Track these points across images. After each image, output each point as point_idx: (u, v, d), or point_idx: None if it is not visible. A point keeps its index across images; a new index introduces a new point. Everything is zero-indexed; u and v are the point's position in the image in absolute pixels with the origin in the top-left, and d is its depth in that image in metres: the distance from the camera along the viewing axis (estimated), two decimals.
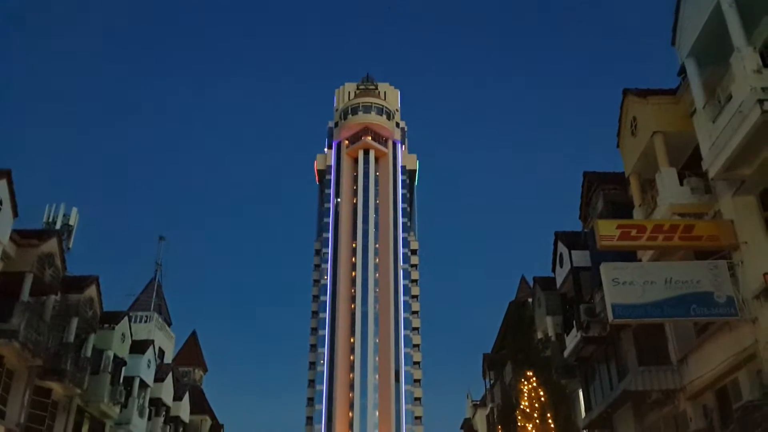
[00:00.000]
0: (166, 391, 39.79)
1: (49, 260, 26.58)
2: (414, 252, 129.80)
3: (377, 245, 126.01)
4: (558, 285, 25.94)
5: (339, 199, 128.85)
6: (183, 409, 43.44)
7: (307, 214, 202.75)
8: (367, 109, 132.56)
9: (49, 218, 34.93)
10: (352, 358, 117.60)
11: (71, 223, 35.07)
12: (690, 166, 17.41)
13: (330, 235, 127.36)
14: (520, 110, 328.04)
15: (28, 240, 25.92)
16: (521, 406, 11.83)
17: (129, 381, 34.02)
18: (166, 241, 58.59)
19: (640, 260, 18.17)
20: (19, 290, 24.82)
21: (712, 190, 16.36)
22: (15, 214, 24.46)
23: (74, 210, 35.68)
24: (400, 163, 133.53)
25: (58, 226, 33.60)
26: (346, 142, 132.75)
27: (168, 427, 40.57)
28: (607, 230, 15.99)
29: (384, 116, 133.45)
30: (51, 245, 26.88)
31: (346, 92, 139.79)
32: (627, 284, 15.29)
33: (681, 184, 16.82)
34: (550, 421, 11.31)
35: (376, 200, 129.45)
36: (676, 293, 15.00)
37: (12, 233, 24.76)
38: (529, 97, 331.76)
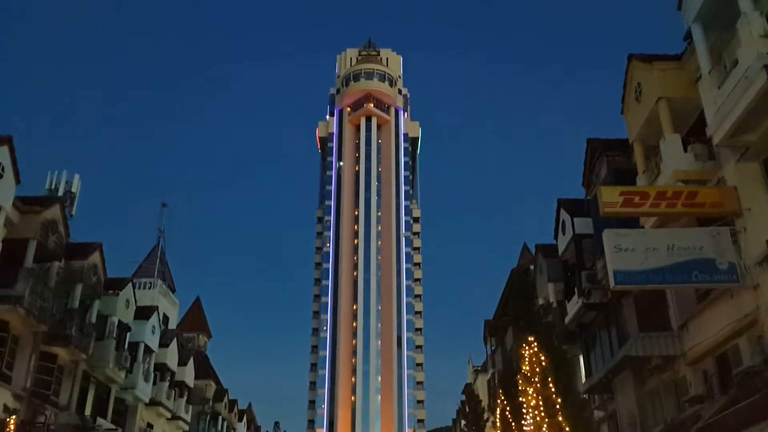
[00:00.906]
0: (170, 356, 40.20)
1: (52, 227, 26.65)
2: (416, 220, 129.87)
3: (380, 213, 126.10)
4: (560, 252, 25.97)
5: (342, 162, 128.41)
6: (188, 374, 43.93)
7: (310, 181, 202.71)
8: (369, 75, 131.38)
9: (51, 185, 34.96)
10: (354, 324, 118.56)
11: (74, 190, 35.11)
12: (694, 132, 17.29)
13: (332, 203, 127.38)
14: (525, 77, 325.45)
15: (31, 207, 25.96)
16: (522, 371, 11.94)
17: (134, 346, 34.31)
18: (169, 207, 58.61)
19: (643, 227, 18.17)
20: (22, 257, 24.94)
21: (716, 157, 16.26)
22: (17, 180, 24.46)
23: (76, 177, 35.70)
24: (402, 131, 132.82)
25: (60, 193, 33.65)
26: (348, 109, 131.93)
27: (173, 391, 41.07)
28: (611, 197, 15.96)
29: (386, 83, 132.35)
30: (54, 212, 26.93)
31: (348, 58, 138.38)
32: (629, 251, 15.29)
33: (685, 150, 16.70)
34: (550, 385, 11.41)
35: (378, 168, 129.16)
36: (678, 260, 15.01)
37: (15, 200, 24.80)
38: (535, 64, 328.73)
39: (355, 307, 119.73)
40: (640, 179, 18.91)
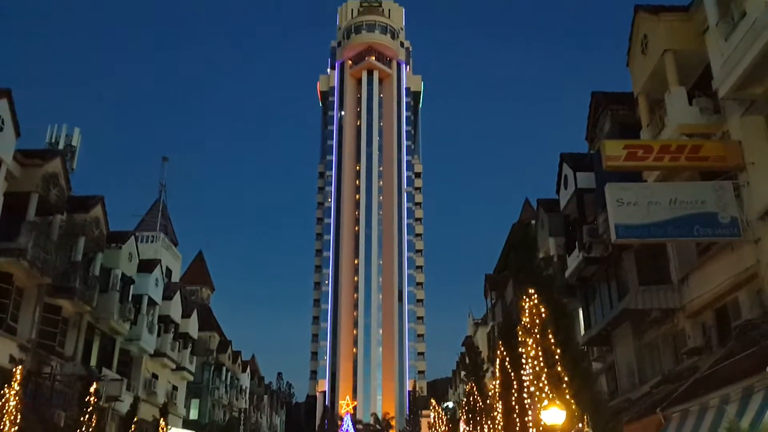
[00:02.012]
0: (174, 308, 40.60)
1: (53, 180, 26.61)
2: (418, 175, 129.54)
3: (381, 168, 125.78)
4: (561, 207, 25.97)
5: (343, 112, 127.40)
6: (191, 326, 44.43)
7: (311, 136, 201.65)
8: (371, 27, 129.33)
9: (51, 139, 34.78)
10: (356, 278, 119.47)
11: (74, 143, 34.94)
12: (700, 86, 17.09)
13: (333, 157, 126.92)
14: (529, 30, 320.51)
15: (31, 160, 25.88)
16: (522, 322, 12.06)
17: (137, 299, 34.62)
18: (170, 161, 58.43)
19: (646, 181, 18.12)
20: (24, 210, 24.95)
21: (721, 110, 16.11)
22: (17, 134, 24.33)
23: (76, 130, 35.48)
24: (404, 85, 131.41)
25: (60, 147, 33.49)
26: (350, 62, 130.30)
27: (177, 343, 41.58)
28: (614, 150, 15.87)
29: (388, 35, 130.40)
30: (55, 165, 26.86)
31: (349, 9, 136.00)
32: (631, 205, 15.28)
33: (690, 104, 16.55)
34: (550, 336, 11.54)
35: (380, 123, 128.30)
36: (680, 213, 15.02)
37: (15, 153, 24.71)
38: (540, 17, 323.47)
39: (356, 261, 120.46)
40: (644, 133, 18.79)
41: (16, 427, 16.69)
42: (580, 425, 8.32)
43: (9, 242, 24.11)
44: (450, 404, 56.13)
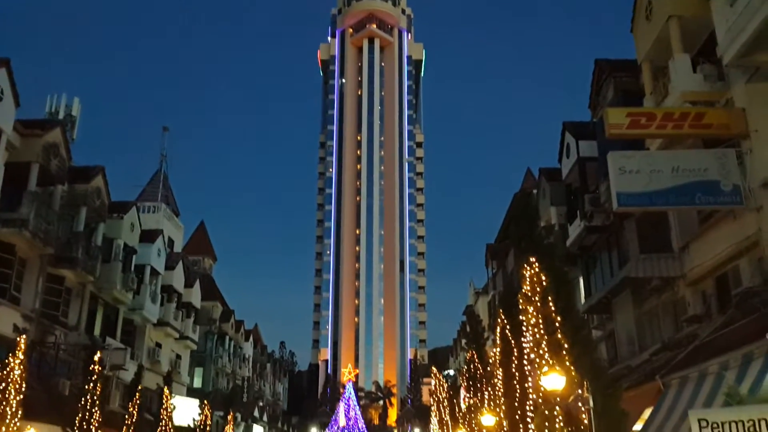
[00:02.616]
0: (177, 278, 40.80)
1: (54, 150, 26.54)
2: (419, 145, 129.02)
3: (382, 138, 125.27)
4: (563, 176, 25.90)
5: (344, 80, 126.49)
6: (194, 296, 44.71)
7: (312, 106, 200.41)
8: None
9: (51, 109, 34.64)
10: (357, 248, 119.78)
11: (74, 113, 34.81)
12: (704, 52, 16.92)
13: (334, 127, 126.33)
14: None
15: (31, 130, 25.80)
16: (523, 291, 12.10)
17: (140, 269, 34.78)
18: (171, 132, 58.19)
19: (648, 149, 18.03)
20: (25, 180, 24.96)
21: (725, 77, 15.95)
22: (17, 104, 24.21)
23: (76, 100, 35.32)
24: (405, 53, 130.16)
25: (60, 117, 33.35)
26: (350, 30, 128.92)
27: (180, 312, 41.88)
28: (617, 118, 15.77)
29: (389, 2, 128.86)
30: (55, 135, 26.77)
31: None
32: (633, 173, 15.23)
33: (694, 71, 16.40)
34: (550, 303, 11.58)
35: (381, 92, 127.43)
36: (682, 181, 14.97)
37: (15, 123, 24.62)
38: None
39: (357, 231, 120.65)
40: (647, 100, 18.65)
41: (21, 396, 16.87)
42: (580, 391, 8.39)
43: (11, 213, 24.16)
44: (451, 372, 56.69)
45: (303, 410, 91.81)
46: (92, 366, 21.29)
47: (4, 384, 16.62)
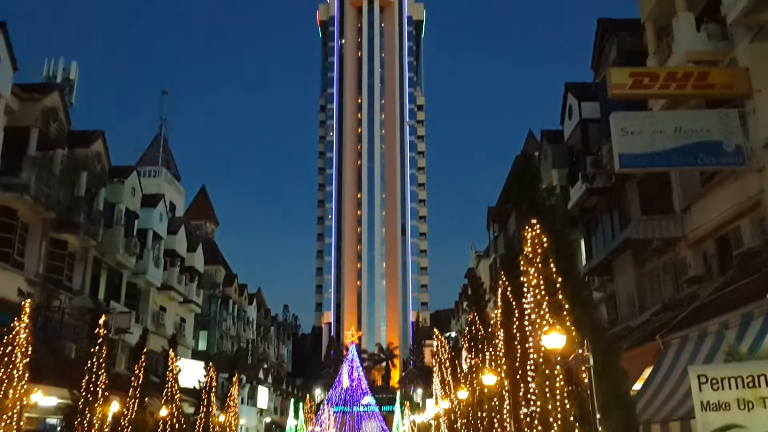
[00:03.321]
0: (179, 242, 40.95)
1: (52, 114, 26.41)
2: (420, 107, 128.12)
3: (383, 101, 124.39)
4: (565, 138, 25.77)
5: (344, 41, 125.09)
6: (197, 260, 44.90)
7: (312, 68, 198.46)
8: None
9: (49, 72, 34.31)
10: (359, 212, 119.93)
11: (71, 77, 34.49)
12: (708, 12, 16.69)
13: (334, 90, 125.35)
14: None
15: (30, 94, 25.63)
16: (524, 252, 12.12)
17: (142, 233, 34.86)
18: (170, 96, 57.87)
19: (651, 110, 17.91)
20: (25, 145, 24.89)
21: (729, 37, 15.77)
22: (14, 67, 24.00)
23: (74, 64, 34.96)
24: (406, 13, 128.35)
25: (58, 81, 33.07)
26: None
27: (184, 276, 42.12)
28: (620, 78, 15.64)
29: None
30: (53, 99, 26.61)
31: None
32: (636, 134, 15.16)
33: (698, 30, 16.20)
34: (551, 265, 11.60)
35: (381, 54, 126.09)
36: (685, 142, 14.92)
37: (13, 87, 24.45)
38: None
39: (359, 195, 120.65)
40: (651, 60, 18.46)
41: (28, 359, 17.05)
42: (580, 351, 8.46)
43: (11, 177, 24.14)
44: (453, 334, 57.21)
45: (307, 372, 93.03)
46: (97, 329, 21.46)
47: (10, 347, 16.79)
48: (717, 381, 6.12)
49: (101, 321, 21.75)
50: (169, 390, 28.36)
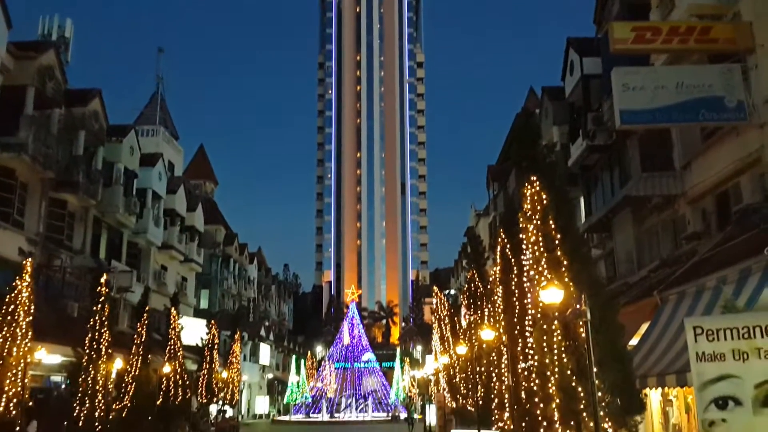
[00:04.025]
0: (179, 202, 40.98)
1: (48, 73, 26.16)
2: (420, 65, 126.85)
3: (382, 58, 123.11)
4: (567, 94, 25.55)
5: None
6: (197, 219, 45.00)
7: (310, 24, 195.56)
8: None
9: (44, 30, 33.89)
10: (358, 172, 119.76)
11: (67, 35, 34.07)
12: None
13: (333, 47, 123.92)
14: None
15: (25, 52, 25.36)
16: (523, 209, 12.10)
17: (142, 193, 34.86)
18: (166, 54, 57.16)
19: (653, 65, 17.72)
20: (22, 104, 24.72)
21: None
22: (9, 25, 23.71)
23: (68, 21, 34.51)
24: None
25: (53, 39, 32.68)
26: None
27: (184, 236, 42.26)
28: (622, 33, 15.44)
29: None
30: (49, 57, 26.33)
31: None
32: (637, 89, 15.03)
33: None
34: (551, 222, 11.60)
35: (380, 9, 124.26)
36: (686, 98, 14.80)
37: (8, 45, 24.19)
38: None
39: (358, 154, 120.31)
40: (653, 14, 18.19)
41: (30, 318, 17.19)
42: (578, 306, 8.52)
43: (9, 137, 24.04)
44: (452, 291, 57.70)
45: (308, 330, 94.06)
46: (99, 288, 21.60)
47: (13, 306, 16.93)
48: (712, 332, 6.18)
49: (102, 279, 21.87)
50: (172, 347, 28.72)
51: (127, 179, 32.78)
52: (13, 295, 17.17)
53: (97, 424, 20.38)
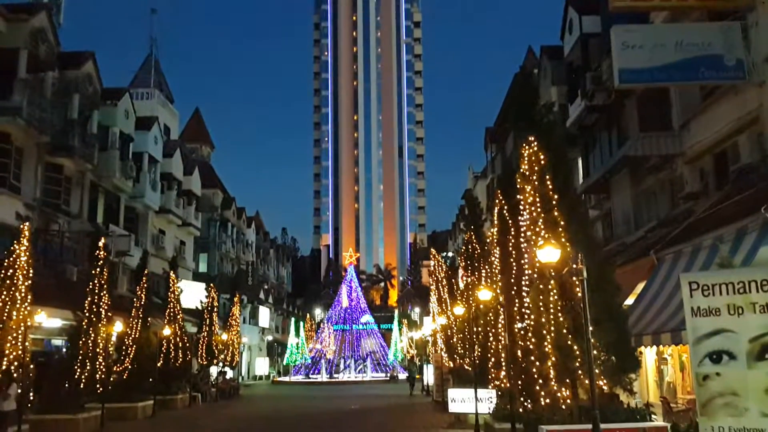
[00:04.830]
0: (175, 166, 40.80)
1: (41, 35, 25.82)
2: (417, 24, 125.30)
3: (379, 18, 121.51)
4: (565, 54, 25.34)
5: None
6: (194, 183, 44.87)
7: None
8: None
9: None
10: (356, 135, 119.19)
11: None
12: None
13: (328, 6, 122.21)
14: None
15: (16, 15, 25.01)
16: (521, 170, 12.08)
17: (138, 157, 34.70)
18: (159, 15, 56.31)
19: (652, 23, 17.52)
20: (15, 68, 24.45)
21: None
22: None
23: None
24: None
25: (45, 0, 32.13)
26: None
27: (181, 200, 42.19)
28: None
29: None
30: (41, 19, 25.96)
31: None
32: (636, 48, 14.87)
33: None
34: (548, 182, 11.59)
35: None
36: (686, 56, 14.65)
37: None
38: None
39: (355, 117, 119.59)
40: None
41: (29, 282, 17.24)
42: (575, 265, 8.56)
43: (3, 101, 23.84)
44: (450, 254, 57.91)
45: (307, 293, 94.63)
46: (97, 252, 21.63)
47: (11, 270, 16.96)
48: (708, 287, 6.21)
49: (101, 243, 21.89)
50: (172, 310, 28.90)
51: (123, 143, 32.59)
52: (11, 259, 17.19)
53: (98, 385, 20.64)
